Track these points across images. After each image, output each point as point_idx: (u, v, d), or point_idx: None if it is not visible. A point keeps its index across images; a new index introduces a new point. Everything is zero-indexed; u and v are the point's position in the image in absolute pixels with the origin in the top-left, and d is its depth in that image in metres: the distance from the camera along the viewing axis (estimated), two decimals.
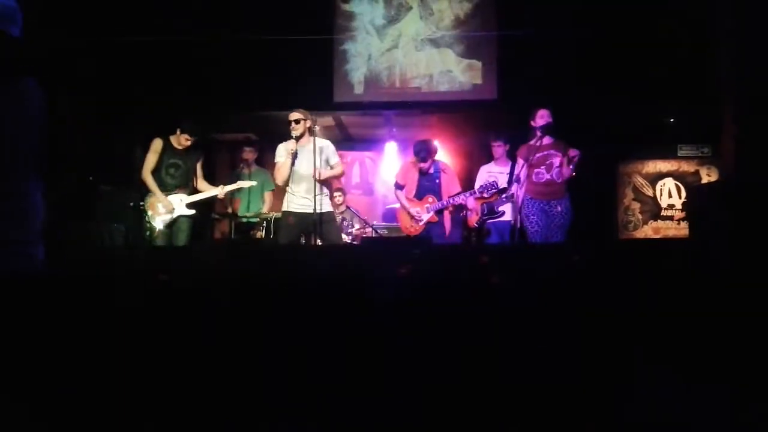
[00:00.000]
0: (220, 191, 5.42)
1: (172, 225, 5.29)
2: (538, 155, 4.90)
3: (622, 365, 2.01)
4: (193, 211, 5.32)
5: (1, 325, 1.91)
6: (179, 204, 5.27)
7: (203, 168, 5.52)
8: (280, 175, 4.89)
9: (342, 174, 5.31)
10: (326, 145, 4.96)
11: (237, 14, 6.91)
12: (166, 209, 5.22)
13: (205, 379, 1.98)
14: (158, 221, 5.24)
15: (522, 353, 2.03)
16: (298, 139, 4.85)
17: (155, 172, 5.26)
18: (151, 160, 5.26)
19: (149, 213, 5.27)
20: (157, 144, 5.27)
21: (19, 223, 1.82)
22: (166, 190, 5.26)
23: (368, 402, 1.92)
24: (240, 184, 5.62)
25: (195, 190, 5.42)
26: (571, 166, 4.90)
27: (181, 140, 5.29)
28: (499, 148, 6.01)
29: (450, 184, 5.57)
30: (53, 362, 1.99)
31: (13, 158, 1.85)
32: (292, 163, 4.83)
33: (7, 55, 1.80)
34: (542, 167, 4.93)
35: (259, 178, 6.25)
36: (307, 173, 4.81)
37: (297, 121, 4.84)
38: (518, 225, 4.94)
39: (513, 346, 2.05)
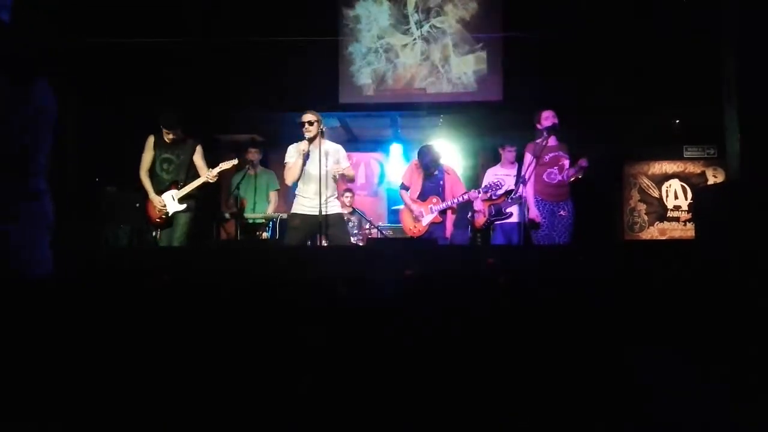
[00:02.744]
0: (209, 175, 5.21)
1: (171, 223, 5.24)
2: (550, 155, 4.91)
3: (628, 365, 2.01)
4: (184, 206, 5.20)
5: (8, 326, 1.92)
6: (171, 201, 5.20)
7: (204, 158, 5.35)
8: (291, 175, 4.89)
9: (353, 178, 5.32)
10: (338, 149, 4.99)
11: (244, 16, 6.92)
12: (159, 208, 5.18)
13: (209, 379, 1.98)
14: (156, 222, 5.23)
15: (528, 353, 2.02)
16: (311, 140, 4.85)
17: (151, 170, 5.23)
18: (146, 159, 5.23)
19: (148, 215, 5.26)
20: (150, 141, 5.23)
21: (35, 224, 1.80)
22: (162, 186, 5.21)
23: (372, 402, 1.92)
24: (222, 165, 5.25)
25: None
26: (574, 171, 4.91)
27: (166, 135, 5.21)
28: (510, 153, 5.99)
29: (454, 186, 5.58)
30: (57, 362, 2.00)
31: (30, 158, 1.82)
32: (304, 163, 4.83)
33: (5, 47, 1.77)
34: (555, 167, 4.93)
35: (264, 179, 6.27)
36: (317, 174, 4.82)
37: (311, 123, 4.84)
38: (523, 223, 4.94)
39: (519, 347, 2.05)
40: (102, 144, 6.50)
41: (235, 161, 5.51)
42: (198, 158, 5.32)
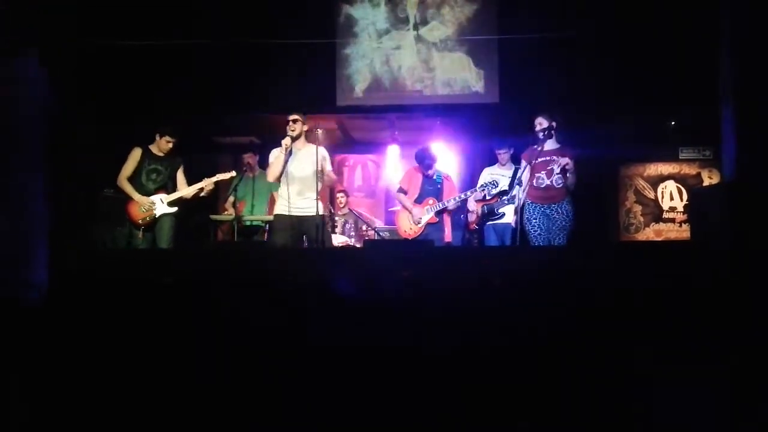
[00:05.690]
0: (205, 184, 5.41)
1: (153, 226, 5.28)
2: (540, 160, 4.92)
3: (625, 366, 2.02)
4: (174, 209, 5.31)
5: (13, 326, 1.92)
6: (160, 203, 5.27)
7: (185, 175, 5.49)
8: (273, 171, 4.96)
9: (332, 182, 5.34)
10: (324, 155, 5.02)
11: (240, 18, 6.92)
12: (146, 208, 5.22)
13: (208, 380, 1.99)
14: (138, 223, 5.24)
15: (524, 354, 2.04)
16: (294, 139, 4.89)
17: (134, 178, 5.28)
18: (128, 167, 5.28)
19: (128, 219, 5.28)
20: (135, 153, 5.30)
21: (29, 229, 1.67)
22: (146, 194, 5.27)
23: (371, 403, 1.93)
24: (219, 176, 5.56)
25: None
26: (567, 174, 4.90)
27: (161, 144, 5.33)
28: (505, 155, 5.99)
29: (451, 191, 5.65)
30: (57, 364, 2.00)
31: (11, 146, 1.63)
32: (285, 160, 4.87)
33: None
34: (543, 172, 4.94)
35: (264, 181, 6.26)
36: (299, 176, 4.88)
37: (294, 121, 4.93)
38: (518, 227, 4.96)
39: (515, 348, 2.06)
40: (99, 146, 6.49)
41: (233, 173, 5.72)
42: (181, 174, 5.46)
